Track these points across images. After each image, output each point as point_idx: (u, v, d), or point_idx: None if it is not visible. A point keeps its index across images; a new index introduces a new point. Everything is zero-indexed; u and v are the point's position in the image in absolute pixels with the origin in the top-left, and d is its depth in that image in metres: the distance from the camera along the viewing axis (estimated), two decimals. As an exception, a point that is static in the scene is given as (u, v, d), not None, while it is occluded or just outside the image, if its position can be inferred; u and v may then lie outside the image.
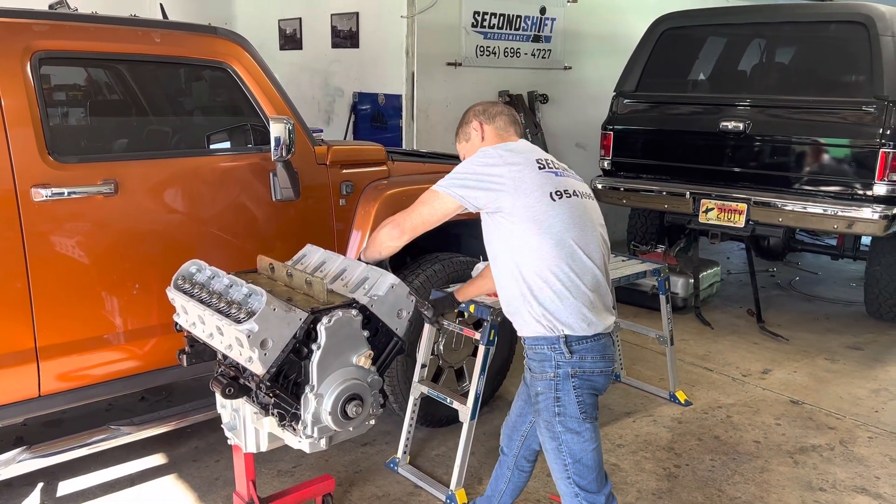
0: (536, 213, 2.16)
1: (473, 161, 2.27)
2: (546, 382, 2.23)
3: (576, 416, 2.21)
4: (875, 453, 3.65)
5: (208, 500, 3.14)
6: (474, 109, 2.50)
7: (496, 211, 2.20)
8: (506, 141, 2.41)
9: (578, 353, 2.19)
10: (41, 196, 2.60)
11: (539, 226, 2.16)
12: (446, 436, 3.67)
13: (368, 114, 6.71)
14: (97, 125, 3.77)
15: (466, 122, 2.50)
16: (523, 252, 2.19)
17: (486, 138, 2.43)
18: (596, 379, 2.24)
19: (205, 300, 2.28)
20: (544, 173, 2.23)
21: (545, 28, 7.13)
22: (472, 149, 2.44)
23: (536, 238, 2.16)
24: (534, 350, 2.26)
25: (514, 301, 2.28)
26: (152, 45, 2.92)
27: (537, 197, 2.17)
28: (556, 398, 2.21)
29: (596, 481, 2.26)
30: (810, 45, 5.58)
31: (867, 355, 4.98)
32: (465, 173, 2.24)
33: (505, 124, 2.45)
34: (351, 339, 2.20)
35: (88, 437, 2.88)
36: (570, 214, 2.19)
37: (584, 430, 2.22)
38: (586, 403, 2.22)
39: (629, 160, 5.94)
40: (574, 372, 2.20)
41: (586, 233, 2.22)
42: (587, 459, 2.23)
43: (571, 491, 2.27)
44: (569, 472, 2.25)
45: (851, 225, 4.91)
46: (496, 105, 2.51)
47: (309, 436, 2.17)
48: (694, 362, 4.79)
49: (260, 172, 3.12)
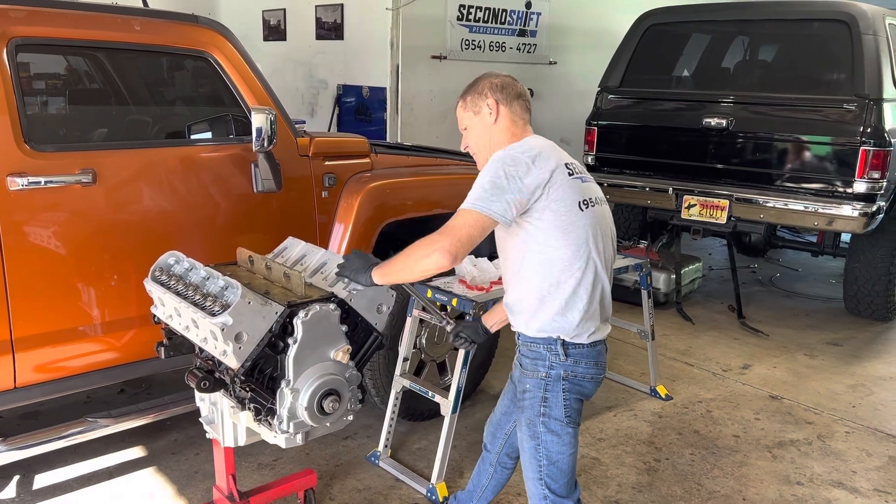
0: (564, 223, 2.09)
1: (503, 171, 2.07)
2: (536, 381, 2.21)
3: (560, 419, 2.19)
4: (852, 448, 3.69)
5: (187, 494, 3.12)
6: (492, 81, 2.26)
7: (524, 217, 2.10)
8: (519, 128, 2.26)
9: (573, 357, 2.18)
10: (17, 185, 2.56)
11: (565, 235, 2.10)
12: (428, 429, 3.66)
13: (353, 106, 6.68)
14: (75, 114, 3.73)
15: (480, 94, 2.26)
16: (542, 259, 2.13)
17: (499, 121, 2.24)
18: (586, 385, 2.22)
19: (181, 292, 2.26)
20: (573, 180, 2.13)
21: (531, 22, 7.12)
22: (481, 126, 2.27)
23: (559, 247, 2.10)
24: (529, 347, 2.23)
25: (521, 301, 2.22)
26: (132, 33, 2.87)
27: (567, 206, 2.09)
28: (543, 398, 2.19)
29: (567, 486, 2.25)
30: (793, 42, 5.62)
31: (846, 351, 5.03)
32: (499, 188, 2.05)
33: (521, 110, 2.27)
34: (328, 334, 2.18)
35: (66, 430, 2.85)
36: (593, 224, 2.14)
37: (565, 433, 2.20)
38: (572, 408, 2.20)
39: (613, 156, 5.96)
40: (566, 375, 2.18)
41: (603, 243, 2.19)
42: (563, 464, 2.22)
43: (541, 493, 2.25)
44: (542, 473, 2.23)
45: (831, 222, 4.96)
46: (515, 84, 2.28)
47: (285, 431, 2.15)
48: (675, 357, 4.82)
49: (241, 163, 3.09)
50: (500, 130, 2.25)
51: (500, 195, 2.03)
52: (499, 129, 2.25)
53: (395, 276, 2.15)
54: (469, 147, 2.34)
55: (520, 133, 2.26)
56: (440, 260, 1.99)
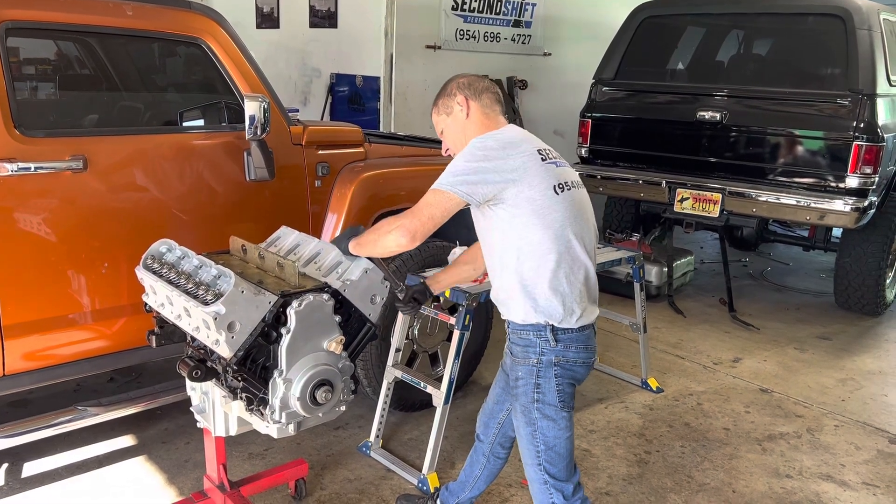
0: (539, 207, 2.12)
1: (474, 155, 2.14)
2: (528, 368, 2.23)
3: (554, 404, 2.21)
4: (841, 441, 3.71)
5: (178, 483, 3.11)
6: (458, 81, 2.35)
7: (498, 203, 2.14)
8: (492, 120, 2.32)
9: (563, 343, 2.20)
10: (6, 171, 2.54)
11: (541, 220, 2.13)
12: (419, 420, 3.66)
13: (346, 95, 6.65)
14: (66, 99, 3.69)
15: (449, 95, 2.34)
16: (521, 245, 2.15)
17: (471, 116, 2.31)
18: (577, 369, 2.24)
19: (173, 281, 2.24)
20: (546, 165, 2.17)
21: (525, 13, 7.09)
22: (455, 124, 2.33)
23: (537, 232, 2.13)
24: (519, 335, 2.25)
25: (506, 290, 2.25)
26: (124, 18, 2.84)
27: (541, 190, 2.12)
28: (536, 384, 2.21)
29: (566, 469, 2.26)
30: (788, 36, 5.62)
31: (835, 345, 5.06)
32: (468, 170, 2.11)
33: (491, 102, 2.33)
34: (322, 324, 2.17)
35: (55, 418, 2.84)
36: (570, 208, 2.17)
37: (560, 418, 2.22)
38: (565, 392, 2.22)
39: (607, 148, 5.95)
40: (557, 360, 2.20)
41: (583, 226, 2.21)
42: (560, 448, 2.24)
43: (541, 478, 2.27)
44: (541, 458, 2.24)
45: (823, 216, 4.98)
46: (482, 80, 2.37)
47: (277, 421, 2.15)
48: (666, 350, 4.84)
49: (234, 151, 3.07)
50: (473, 125, 2.31)
51: (470, 177, 2.10)
52: (472, 123, 2.31)
53: (364, 249, 2.27)
54: (449, 150, 2.40)
55: (493, 125, 2.31)
56: (399, 238, 2.11)
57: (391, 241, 2.13)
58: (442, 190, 2.11)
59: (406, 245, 2.12)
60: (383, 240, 2.16)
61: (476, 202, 2.11)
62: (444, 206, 2.11)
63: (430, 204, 2.12)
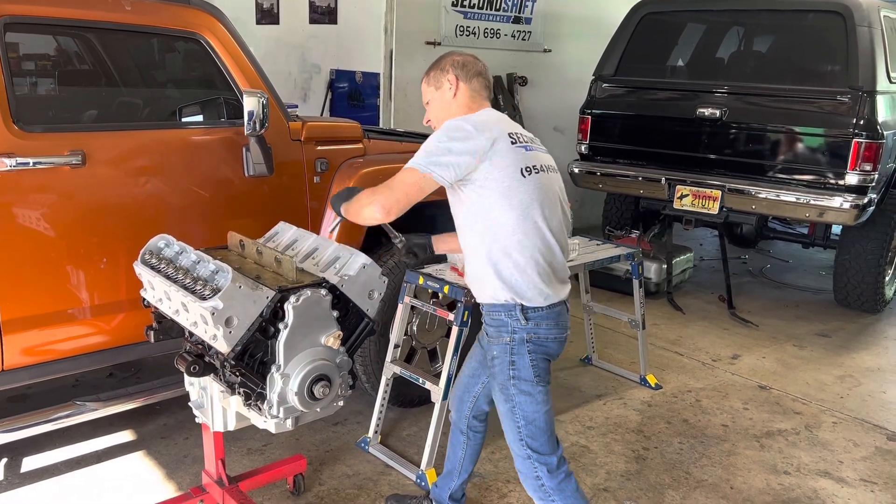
0: (506, 189, 2.20)
1: (447, 136, 2.22)
2: (502, 346, 2.30)
3: (529, 380, 2.29)
4: (839, 438, 3.72)
5: (176, 478, 3.11)
6: (454, 59, 2.41)
7: (467, 183, 2.21)
8: (476, 104, 2.39)
9: (534, 321, 2.27)
10: (5, 166, 2.53)
11: (508, 201, 2.20)
12: (418, 416, 3.67)
13: (346, 92, 6.64)
14: (65, 95, 3.68)
15: (442, 70, 2.40)
16: (488, 225, 2.23)
17: (458, 96, 2.38)
18: (549, 345, 2.31)
19: (171, 276, 2.24)
20: (516, 148, 2.24)
21: (525, 9, 7.08)
22: (442, 100, 2.40)
23: (503, 213, 2.20)
24: (491, 316, 2.32)
25: (477, 271, 2.33)
26: (123, 13, 2.84)
27: (509, 173, 2.20)
28: (511, 362, 2.29)
29: (548, 443, 2.33)
30: (788, 33, 5.61)
31: (834, 342, 5.06)
32: (440, 150, 2.20)
33: (480, 87, 2.40)
34: (320, 319, 2.17)
35: (54, 413, 2.83)
36: (537, 190, 2.24)
37: (536, 392, 2.29)
38: (540, 367, 2.30)
39: (606, 145, 5.95)
40: (529, 337, 2.27)
41: (550, 208, 2.28)
42: (539, 421, 2.31)
43: (524, 453, 2.33)
44: (522, 433, 2.31)
45: (823, 214, 4.98)
46: (477, 63, 2.43)
47: (274, 416, 2.15)
48: (665, 346, 4.84)
49: (232, 147, 3.07)
50: (458, 105, 2.38)
51: (442, 157, 2.18)
52: (457, 103, 2.38)
53: (349, 215, 2.38)
54: (430, 121, 2.48)
55: (476, 109, 2.38)
56: (375, 213, 2.22)
57: (367, 214, 2.26)
58: (415, 169, 2.20)
59: (381, 219, 2.23)
60: (362, 212, 2.28)
61: (447, 182, 2.19)
62: (418, 184, 2.20)
63: (404, 182, 2.21)
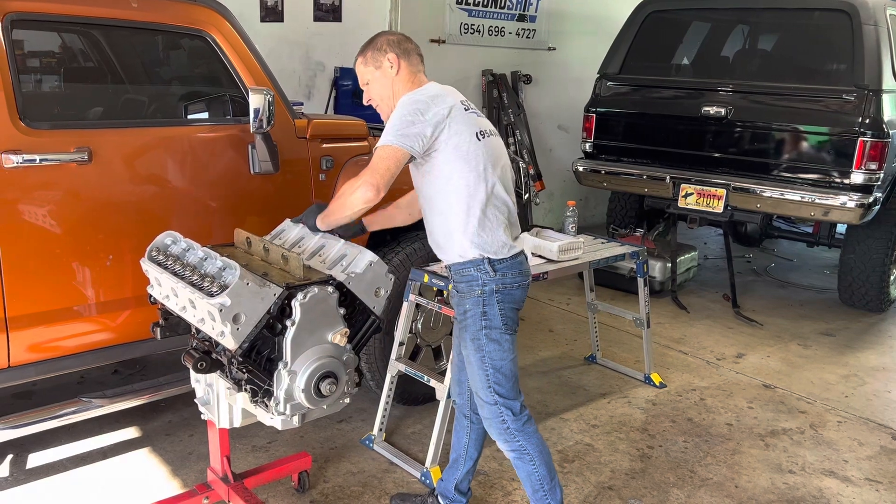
0: (465, 153, 2.35)
1: (409, 110, 2.33)
2: (474, 299, 2.44)
3: (499, 328, 2.44)
4: (844, 437, 3.71)
5: (182, 475, 3.12)
6: (388, 38, 2.52)
7: (431, 151, 2.34)
8: (418, 78, 2.51)
9: (501, 271, 2.42)
10: (12, 162, 2.54)
11: (468, 164, 2.35)
12: (422, 414, 3.67)
13: (350, 89, 6.61)
14: (71, 91, 3.68)
15: (380, 50, 2.50)
16: (450, 189, 2.37)
17: (400, 73, 2.49)
18: (516, 293, 2.47)
19: (178, 272, 2.24)
20: (468, 115, 2.41)
21: (530, 7, 7.07)
22: (384, 79, 2.49)
23: (463, 174, 2.35)
24: (461, 274, 2.45)
25: (443, 233, 2.46)
26: (129, 10, 2.84)
27: (466, 138, 2.35)
28: (483, 312, 2.43)
29: (513, 389, 2.50)
30: (793, 32, 5.59)
31: (839, 342, 5.05)
32: (407, 123, 2.30)
33: (417, 62, 2.53)
34: (326, 317, 2.17)
35: (59, 410, 2.84)
36: (490, 152, 2.41)
37: (504, 340, 2.45)
38: (508, 316, 2.46)
39: (611, 143, 5.94)
40: (498, 288, 2.42)
41: (502, 168, 2.46)
42: (506, 369, 2.47)
43: (491, 398, 2.47)
44: (490, 381, 2.46)
45: (828, 212, 4.96)
46: (409, 41, 2.56)
47: (281, 413, 2.15)
48: (669, 345, 4.83)
49: (238, 144, 3.07)
50: (400, 81, 2.50)
51: (409, 129, 2.29)
52: (399, 80, 2.50)
53: (332, 216, 2.42)
54: (372, 100, 2.57)
55: (417, 83, 2.51)
56: (366, 193, 2.25)
57: (359, 198, 2.27)
58: (390, 145, 2.28)
59: (373, 199, 2.26)
60: (351, 200, 2.30)
61: (418, 153, 2.30)
62: (395, 157, 2.27)
63: (383, 158, 2.28)
